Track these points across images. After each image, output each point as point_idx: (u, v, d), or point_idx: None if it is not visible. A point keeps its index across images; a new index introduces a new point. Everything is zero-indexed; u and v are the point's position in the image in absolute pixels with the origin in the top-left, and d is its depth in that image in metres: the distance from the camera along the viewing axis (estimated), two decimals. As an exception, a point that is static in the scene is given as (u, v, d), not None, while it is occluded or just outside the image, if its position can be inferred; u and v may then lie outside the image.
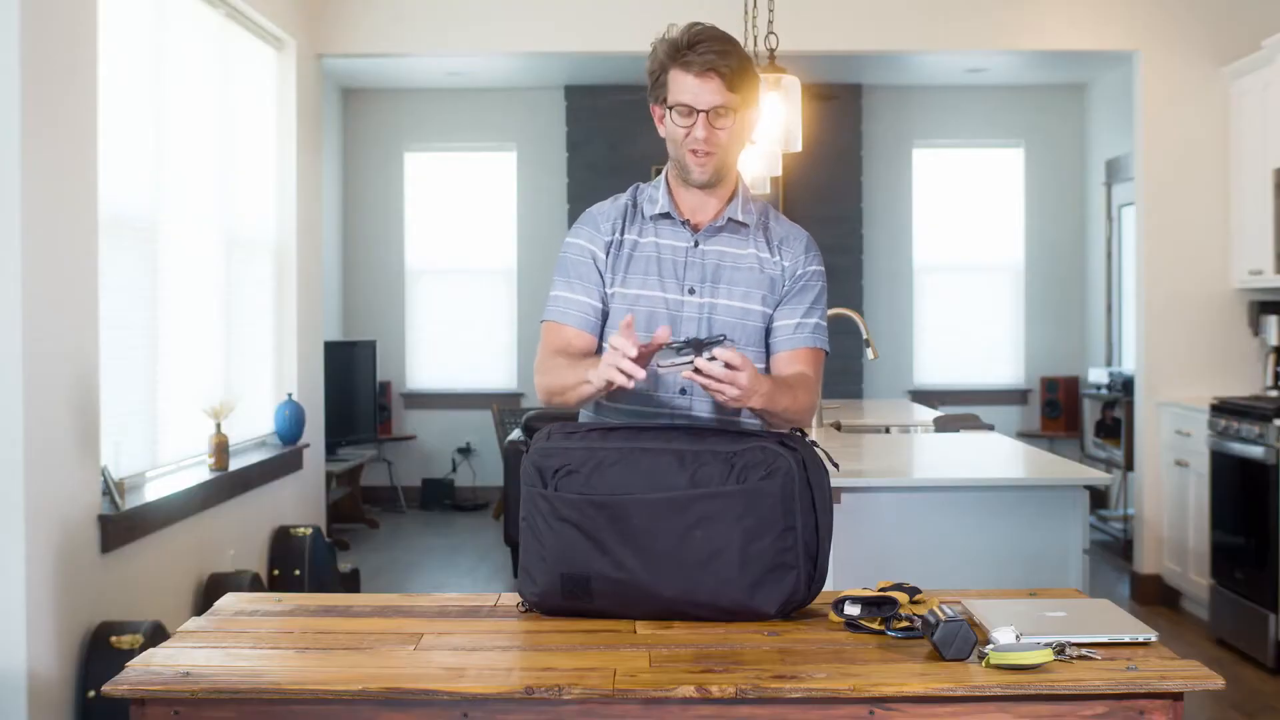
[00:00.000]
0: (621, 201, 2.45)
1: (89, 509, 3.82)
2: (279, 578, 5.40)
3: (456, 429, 9.42)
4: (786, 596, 2.10)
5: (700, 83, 2.30)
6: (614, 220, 2.42)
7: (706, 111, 2.32)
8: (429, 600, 2.27)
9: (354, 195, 9.46)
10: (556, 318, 2.40)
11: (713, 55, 2.29)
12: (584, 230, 2.43)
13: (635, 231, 2.41)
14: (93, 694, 3.67)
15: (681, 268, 2.39)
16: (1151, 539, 6.21)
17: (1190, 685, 1.78)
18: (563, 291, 2.41)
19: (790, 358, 2.37)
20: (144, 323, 4.46)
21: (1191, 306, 6.18)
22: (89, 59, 3.85)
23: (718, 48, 2.30)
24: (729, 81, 2.31)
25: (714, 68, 2.29)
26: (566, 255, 2.43)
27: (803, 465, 2.13)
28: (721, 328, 2.36)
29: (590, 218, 2.45)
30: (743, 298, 2.38)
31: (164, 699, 1.79)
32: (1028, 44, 6.32)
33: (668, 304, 2.37)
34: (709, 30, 2.32)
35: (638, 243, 2.40)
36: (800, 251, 2.44)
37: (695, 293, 2.38)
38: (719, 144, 2.34)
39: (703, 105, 2.31)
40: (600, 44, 6.35)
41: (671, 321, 2.36)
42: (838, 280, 9.15)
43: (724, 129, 2.34)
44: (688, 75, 2.32)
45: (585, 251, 2.41)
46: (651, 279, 2.39)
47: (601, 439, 2.14)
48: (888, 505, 3.58)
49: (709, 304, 2.37)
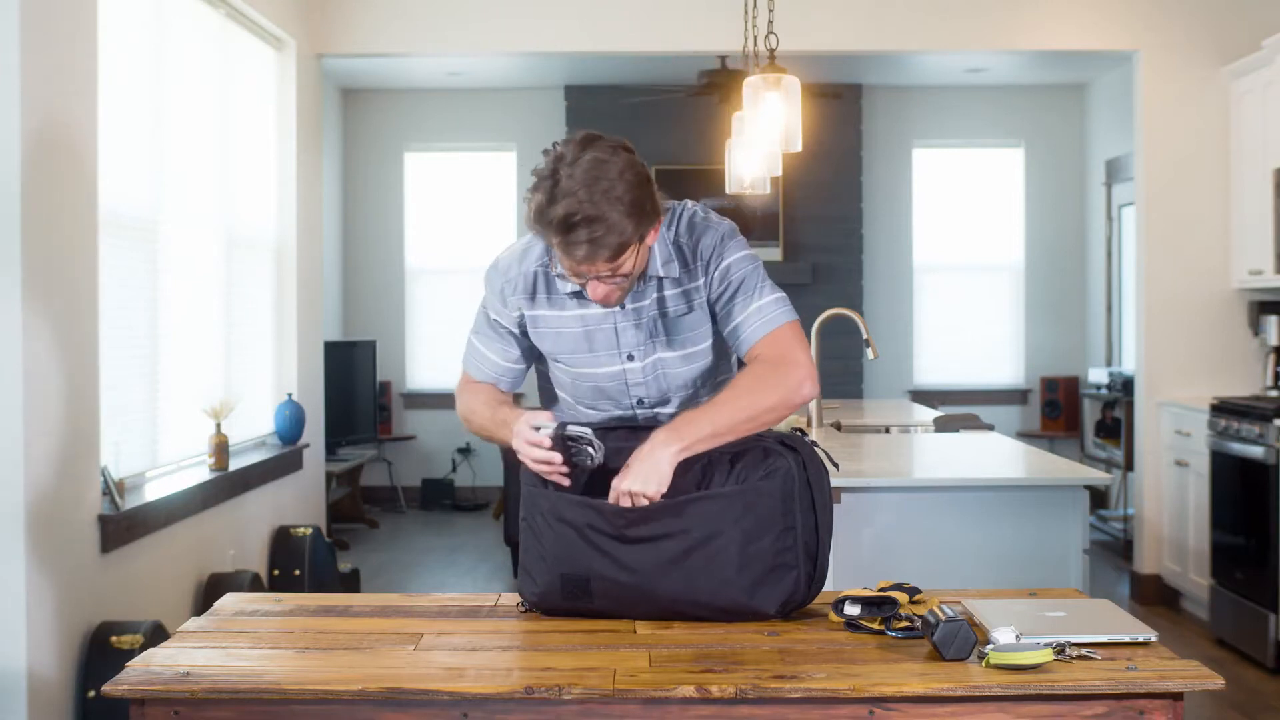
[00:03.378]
0: (530, 268, 2.23)
1: (89, 509, 3.81)
2: (279, 578, 5.40)
3: (456, 429, 9.41)
4: (786, 597, 2.10)
5: (587, 265, 2.06)
6: (521, 295, 2.24)
7: (597, 277, 2.10)
8: (429, 600, 2.27)
9: (354, 195, 9.46)
10: (472, 371, 2.36)
11: (586, 247, 2.01)
12: (493, 302, 2.28)
13: (550, 304, 2.24)
14: (93, 694, 3.67)
15: (614, 334, 2.23)
16: (1151, 539, 6.21)
17: (1190, 685, 1.78)
18: (476, 343, 2.34)
19: (760, 350, 2.18)
20: (144, 323, 4.46)
21: (1191, 306, 6.18)
22: (89, 59, 3.85)
23: (594, 236, 2.00)
24: (615, 254, 2.05)
25: (592, 258, 2.04)
26: (483, 314, 2.31)
27: (802, 465, 2.13)
28: (670, 380, 2.26)
29: (495, 287, 2.27)
30: (688, 344, 2.24)
31: (164, 699, 1.79)
32: (1028, 44, 6.31)
33: (611, 375, 2.25)
34: (579, 211, 1.99)
35: (560, 317, 2.24)
36: (717, 254, 2.20)
37: (635, 358, 2.24)
38: (622, 283, 2.13)
39: (592, 274, 2.09)
40: (600, 44, 6.36)
41: (618, 390, 2.27)
42: (838, 280, 9.16)
43: (624, 274, 2.11)
44: (566, 250, 2.05)
45: (496, 323, 2.29)
46: (583, 355, 2.25)
47: (600, 439, 2.13)
48: (888, 505, 3.58)
49: (653, 362, 2.24)
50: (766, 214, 8.95)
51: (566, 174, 2.01)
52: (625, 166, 2.04)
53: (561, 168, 2.02)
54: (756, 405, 2.09)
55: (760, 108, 4.19)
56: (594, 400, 2.31)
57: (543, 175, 2.04)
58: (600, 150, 2.04)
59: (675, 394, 2.29)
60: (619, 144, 2.08)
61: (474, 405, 2.32)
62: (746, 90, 4.25)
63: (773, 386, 2.11)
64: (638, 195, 2.04)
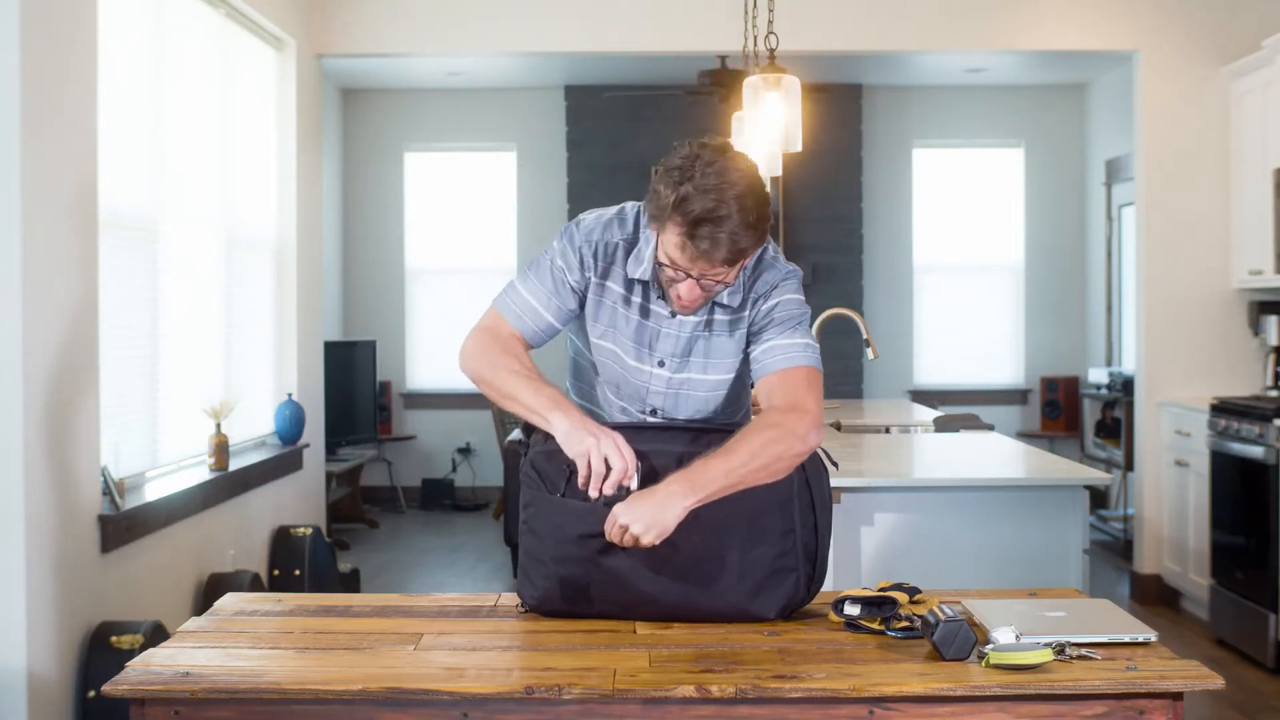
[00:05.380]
0: (614, 239, 2.26)
1: (89, 509, 3.81)
2: (279, 578, 5.40)
3: (456, 429, 9.42)
4: (786, 600, 2.10)
5: (702, 263, 2.09)
6: (602, 261, 2.26)
7: (699, 278, 2.12)
8: (429, 600, 2.27)
9: (354, 195, 9.46)
10: (506, 314, 2.28)
11: (709, 243, 2.04)
12: (568, 255, 2.27)
13: (618, 280, 2.26)
14: (93, 694, 3.67)
15: (656, 337, 2.25)
16: (1151, 539, 6.21)
17: (1190, 685, 1.78)
18: (522, 288, 2.29)
19: (774, 382, 2.18)
20: (144, 323, 4.46)
21: (1191, 306, 6.18)
22: (89, 59, 3.85)
23: (718, 236, 2.03)
24: (733, 259, 2.09)
25: (711, 257, 2.06)
26: (545, 262, 2.29)
27: (801, 466, 2.13)
28: (690, 401, 2.27)
29: (574, 243, 2.27)
30: (719, 370, 2.26)
31: (164, 699, 1.79)
32: (1028, 44, 6.31)
33: (639, 374, 2.27)
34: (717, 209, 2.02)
35: (619, 296, 2.26)
36: (769, 290, 2.23)
37: (665, 365, 2.26)
38: (713, 290, 2.15)
39: (696, 273, 2.11)
40: (600, 44, 6.36)
41: (639, 391, 2.28)
42: (838, 280, 9.16)
43: (723, 282, 2.14)
44: (687, 244, 2.07)
45: (562, 273, 2.27)
46: (624, 340, 2.26)
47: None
48: (888, 505, 3.58)
49: (679, 379, 2.27)
50: (766, 214, 8.93)
51: (702, 172, 2.04)
52: (756, 181, 2.09)
53: (698, 166, 2.05)
54: (770, 454, 2.07)
55: (760, 108, 4.19)
56: (617, 391, 2.31)
57: (676, 167, 2.07)
58: (736, 159, 2.08)
59: (689, 414, 2.29)
60: (748, 158, 2.12)
61: (508, 362, 2.20)
62: (746, 90, 4.25)
63: (784, 435, 2.09)
64: (762, 212, 2.08)
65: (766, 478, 2.08)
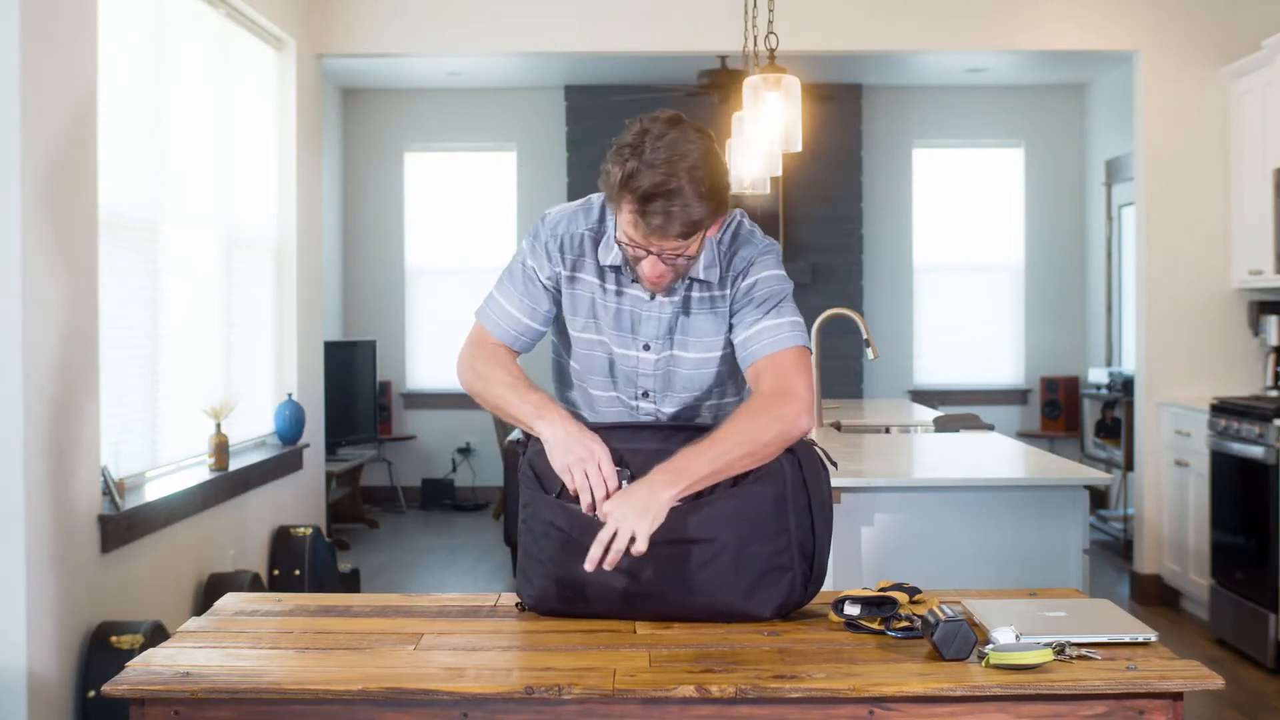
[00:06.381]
0: (580, 229, 2.26)
1: (89, 509, 3.81)
2: (279, 578, 5.40)
3: (456, 429, 9.42)
4: (782, 600, 2.09)
5: (656, 238, 2.07)
6: (570, 254, 2.25)
7: (659, 254, 2.10)
8: (429, 600, 2.27)
9: (354, 195, 9.46)
10: (487, 325, 2.30)
11: (662, 218, 2.03)
12: (536, 253, 2.27)
13: (591, 270, 2.25)
14: (93, 694, 3.67)
15: (638, 321, 2.25)
16: (1151, 539, 6.21)
17: (1190, 685, 1.78)
18: (499, 297, 2.30)
19: (762, 367, 2.17)
20: (144, 323, 4.46)
21: (1191, 306, 6.18)
22: (89, 59, 3.85)
23: (671, 209, 2.02)
24: (687, 231, 2.07)
25: (665, 231, 2.05)
26: (517, 265, 2.29)
27: (798, 466, 2.11)
28: (678, 380, 2.27)
29: (540, 240, 2.27)
30: (702, 348, 2.25)
31: (164, 699, 1.79)
32: (1028, 44, 6.32)
33: (626, 359, 2.27)
34: (664, 183, 2.01)
35: (594, 285, 2.25)
36: (748, 267, 2.22)
37: (650, 349, 2.25)
38: (678, 266, 2.14)
39: (654, 250, 2.10)
40: (600, 44, 6.36)
41: (628, 375, 2.28)
42: (838, 280, 9.16)
43: (686, 256, 2.12)
44: (639, 220, 2.05)
45: (533, 274, 2.27)
46: (606, 328, 2.26)
47: (603, 438, 2.12)
48: (887, 505, 3.58)
49: (666, 358, 2.26)
50: (766, 214, 8.94)
51: (652, 146, 2.03)
52: (709, 151, 2.07)
53: (647, 140, 2.04)
54: (755, 441, 2.05)
55: (760, 108, 4.19)
56: (604, 381, 2.30)
57: (627, 144, 2.05)
58: (687, 131, 2.06)
59: (680, 395, 2.29)
60: (703, 129, 2.10)
61: (495, 374, 2.23)
62: (746, 90, 4.25)
63: (771, 421, 2.07)
64: (716, 183, 2.06)
65: (753, 464, 2.07)
